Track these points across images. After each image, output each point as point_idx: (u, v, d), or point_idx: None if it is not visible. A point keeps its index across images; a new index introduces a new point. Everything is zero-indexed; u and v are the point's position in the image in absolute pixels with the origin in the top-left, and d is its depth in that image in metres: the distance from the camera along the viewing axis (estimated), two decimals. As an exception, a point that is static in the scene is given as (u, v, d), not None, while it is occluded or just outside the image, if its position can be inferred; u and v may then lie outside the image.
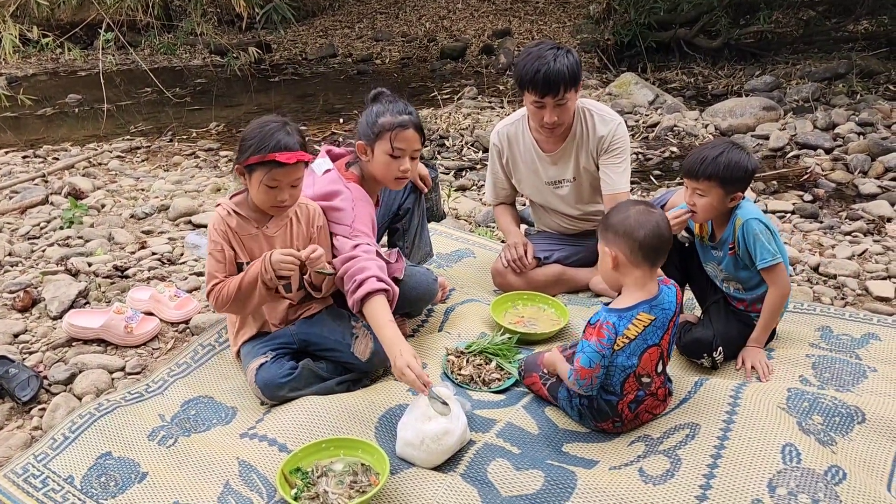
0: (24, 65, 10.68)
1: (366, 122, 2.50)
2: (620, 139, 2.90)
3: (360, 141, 2.51)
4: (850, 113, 5.95)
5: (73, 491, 2.01)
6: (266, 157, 2.19)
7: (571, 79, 2.70)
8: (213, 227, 2.34)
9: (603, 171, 2.93)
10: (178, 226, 4.07)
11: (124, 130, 7.13)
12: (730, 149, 2.32)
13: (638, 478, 1.91)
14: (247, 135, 2.26)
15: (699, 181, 2.33)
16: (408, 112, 2.49)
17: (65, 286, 3.05)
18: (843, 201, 4.38)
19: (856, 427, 2.06)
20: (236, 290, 2.28)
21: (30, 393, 2.41)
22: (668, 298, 2.10)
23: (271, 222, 2.38)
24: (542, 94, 2.72)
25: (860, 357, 2.49)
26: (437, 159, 5.61)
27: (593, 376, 2.04)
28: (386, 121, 2.45)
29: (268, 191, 2.25)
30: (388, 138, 2.44)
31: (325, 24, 13.05)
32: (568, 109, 2.79)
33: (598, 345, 2.02)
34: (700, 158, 2.32)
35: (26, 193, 4.69)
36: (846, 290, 3.09)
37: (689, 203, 2.39)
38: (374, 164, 2.50)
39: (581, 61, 2.85)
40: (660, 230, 2.03)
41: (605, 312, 2.07)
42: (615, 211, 2.12)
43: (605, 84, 7.61)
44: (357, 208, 2.46)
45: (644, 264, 2.05)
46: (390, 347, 2.15)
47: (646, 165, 5.38)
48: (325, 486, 1.93)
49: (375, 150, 2.48)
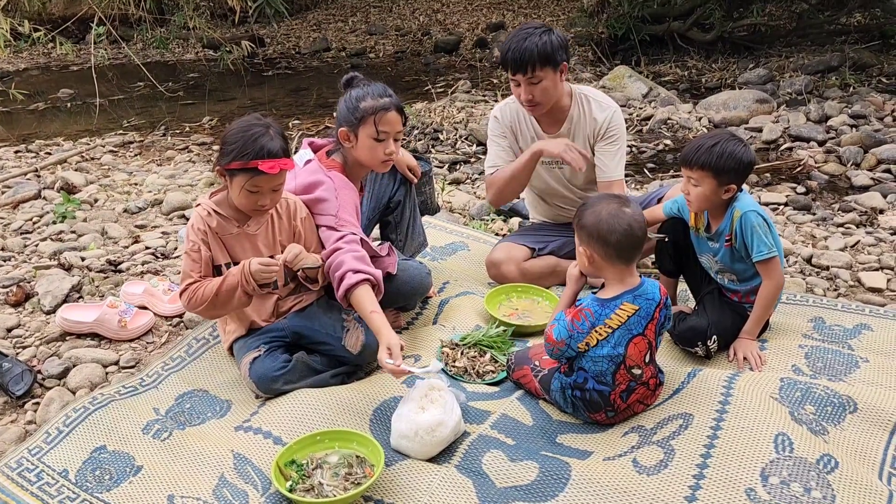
0: (15, 59, 10.61)
1: (346, 108, 2.49)
2: (617, 126, 2.91)
3: (343, 127, 2.49)
4: (842, 105, 5.96)
5: (68, 484, 2.01)
6: (248, 165, 2.15)
7: (541, 57, 2.70)
8: (192, 227, 2.31)
9: (598, 158, 2.94)
10: (171, 220, 4.06)
11: (117, 125, 7.09)
12: (726, 139, 2.33)
13: (632, 468, 1.92)
14: (229, 137, 2.21)
15: (692, 169, 2.34)
16: (388, 94, 2.48)
17: (58, 280, 3.05)
18: (836, 193, 4.39)
19: (847, 416, 2.08)
20: (213, 294, 2.23)
21: (23, 387, 2.40)
22: (651, 289, 2.12)
23: (252, 221, 2.36)
24: (513, 71, 2.77)
25: (852, 347, 2.50)
26: (430, 153, 5.60)
27: (558, 347, 2.11)
28: (368, 105, 2.44)
29: (248, 195, 2.22)
30: (372, 122, 2.43)
31: (318, 17, 12.99)
32: (545, 89, 2.78)
33: (571, 324, 2.07)
34: (695, 147, 2.34)
35: (19, 188, 4.67)
36: (839, 281, 3.11)
37: (684, 191, 2.41)
38: (359, 149, 2.50)
39: (569, 46, 2.84)
40: (632, 231, 2.04)
41: (590, 300, 2.10)
42: (588, 209, 2.11)
43: (598, 77, 7.60)
44: (340, 197, 2.46)
45: (619, 263, 2.08)
46: (376, 336, 2.20)
47: (640, 158, 5.38)
48: (321, 478, 1.93)
49: (359, 135, 2.47)
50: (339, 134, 2.51)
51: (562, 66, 2.79)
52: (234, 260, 2.33)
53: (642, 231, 2.08)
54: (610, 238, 2.03)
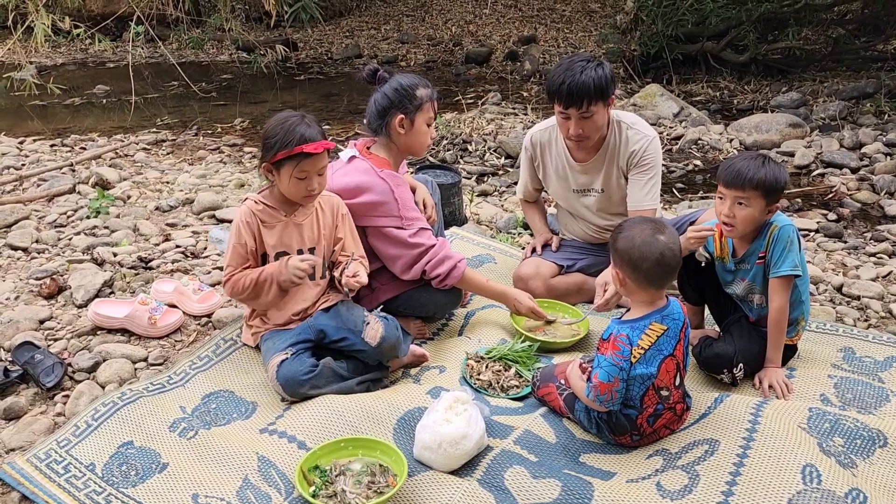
0: (53, 54, 10.82)
1: (399, 95, 2.59)
2: (651, 156, 2.87)
3: (399, 115, 2.58)
4: (877, 133, 5.88)
5: (94, 478, 2.04)
6: (293, 151, 2.30)
7: (597, 92, 2.67)
8: (241, 219, 2.44)
9: (630, 188, 2.91)
10: (201, 220, 4.11)
11: (150, 123, 7.20)
12: (767, 159, 2.33)
13: (655, 492, 1.91)
14: (269, 133, 2.36)
15: (745, 190, 2.29)
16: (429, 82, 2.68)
17: (90, 275, 3.09)
18: (868, 222, 4.34)
19: (877, 450, 2.04)
20: (253, 284, 2.39)
21: (54, 379, 2.44)
22: (676, 309, 2.12)
23: (298, 211, 2.48)
24: (565, 105, 2.72)
25: (883, 380, 2.47)
26: (459, 164, 5.62)
27: (613, 390, 2.04)
28: (424, 92, 2.61)
29: (298, 182, 2.35)
30: (430, 108, 2.62)
31: (351, 24, 13.10)
32: (594, 123, 2.77)
33: (614, 358, 2.02)
34: (742, 168, 2.29)
35: (54, 182, 4.75)
36: (869, 311, 3.07)
37: (728, 214, 2.34)
38: (414, 134, 2.62)
39: (613, 71, 2.83)
40: (664, 260, 2.02)
41: (616, 325, 2.08)
42: (623, 232, 2.10)
43: (629, 95, 7.59)
44: (399, 196, 2.57)
45: (650, 288, 2.08)
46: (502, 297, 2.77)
47: (669, 178, 5.36)
48: (343, 485, 1.94)
49: (416, 121, 2.60)
50: (396, 121, 2.59)
51: (610, 99, 2.78)
52: (282, 247, 2.46)
53: (675, 260, 2.05)
54: (641, 265, 2.03)
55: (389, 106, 2.60)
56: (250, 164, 5.71)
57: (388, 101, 2.60)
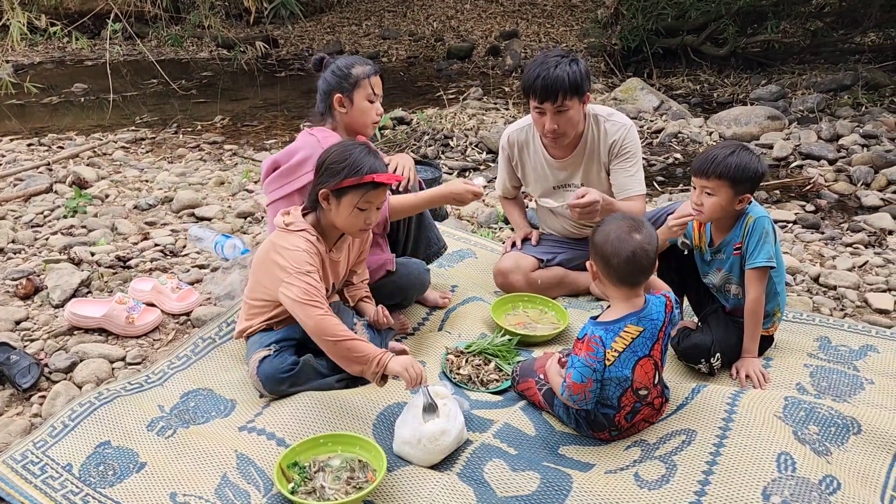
0: (30, 53, 10.69)
1: (336, 77, 2.61)
2: (630, 143, 2.90)
3: (337, 94, 2.60)
4: (854, 125, 5.95)
5: (72, 479, 2.02)
6: (364, 179, 2.19)
7: (572, 87, 2.69)
8: (305, 251, 2.23)
9: (615, 177, 2.93)
10: (181, 218, 4.08)
11: (129, 121, 7.14)
12: (741, 149, 2.33)
13: (633, 482, 1.93)
14: (333, 159, 2.24)
15: (709, 179, 2.32)
16: (369, 61, 2.68)
17: (67, 275, 3.07)
18: (846, 213, 4.39)
19: (851, 438, 2.07)
20: (343, 346, 2.14)
21: (30, 380, 2.42)
22: (655, 309, 2.10)
23: (335, 247, 2.39)
24: (540, 99, 2.73)
25: (858, 369, 2.50)
26: (440, 159, 5.62)
27: (586, 391, 2.04)
28: (360, 70, 2.60)
29: (359, 214, 2.25)
30: (368, 84, 2.60)
31: (332, 20, 13.05)
32: (570, 119, 2.78)
33: (587, 359, 2.02)
34: (711, 157, 2.32)
35: (30, 181, 4.70)
36: (846, 301, 3.10)
37: (696, 203, 2.37)
38: (355, 111, 2.62)
39: (589, 68, 2.84)
40: (634, 258, 2.01)
41: (591, 326, 2.08)
42: (602, 225, 2.11)
43: (610, 89, 7.61)
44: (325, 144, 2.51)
45: (622, 286, 2.07)
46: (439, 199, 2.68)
47: (649, 171, 5.38)
48: (323, 481, 1.94)
49: (355, 99, 2.60)
50: (336, 101, 2.61)
51: (586, 96, 2.79)
52: None
53: (647, 260, 2.04)
54: (612, 261, 2.03)
55: (329, 89, 2.63)
56: (230, 162, 5.68)
57: (327, 83, 2.64)
